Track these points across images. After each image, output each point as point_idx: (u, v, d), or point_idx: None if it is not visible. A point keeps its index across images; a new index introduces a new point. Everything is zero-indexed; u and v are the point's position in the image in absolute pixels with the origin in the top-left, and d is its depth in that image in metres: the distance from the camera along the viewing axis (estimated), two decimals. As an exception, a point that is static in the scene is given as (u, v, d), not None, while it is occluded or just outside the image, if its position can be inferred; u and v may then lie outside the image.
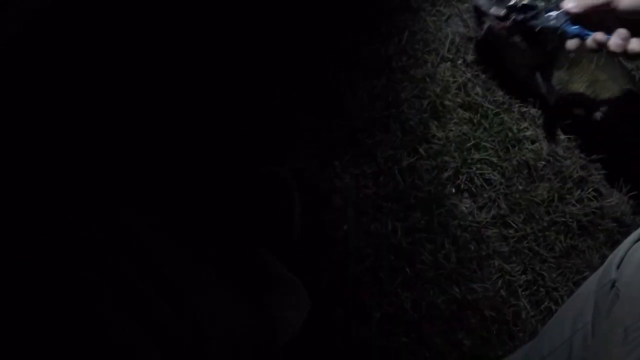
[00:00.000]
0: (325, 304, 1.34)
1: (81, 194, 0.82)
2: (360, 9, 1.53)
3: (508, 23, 1.34)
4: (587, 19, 1.10)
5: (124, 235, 0.78)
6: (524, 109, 1.51)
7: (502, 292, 1.39)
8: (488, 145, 1.46)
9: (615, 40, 1.06)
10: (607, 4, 1.06)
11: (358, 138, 1.45)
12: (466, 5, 1.56)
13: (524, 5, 1.28)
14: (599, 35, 1.08)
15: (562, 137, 1.50)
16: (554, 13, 1.16)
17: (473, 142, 1.46)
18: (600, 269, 0.95)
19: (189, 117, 1.44)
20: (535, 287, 1.41)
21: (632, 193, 1.48)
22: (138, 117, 1.41)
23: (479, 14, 1.42)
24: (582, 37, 1.11)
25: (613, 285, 0.89)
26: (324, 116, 1.46)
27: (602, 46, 1.08)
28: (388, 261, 1.38)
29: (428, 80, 1.49)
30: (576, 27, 1.12)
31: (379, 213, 1.41)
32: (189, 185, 1.38)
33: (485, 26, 1.41)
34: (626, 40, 1.06)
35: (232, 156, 1.43)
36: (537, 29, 1.23)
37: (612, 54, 1.08)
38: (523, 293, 1.40)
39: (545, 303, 1.40)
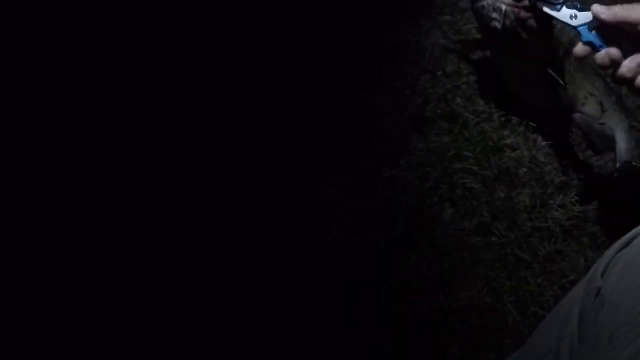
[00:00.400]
0: (312, 317, 1.34)
1: (81, 193, 0.83)
2: (342, 24, 1.54)
3: (527, 2, 1.24)
4: (607, 31, 1.03)
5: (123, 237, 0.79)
6: (505, 118, 1.52)
7: (488, 299, 1.39)
8: (469, 154, 1.48)
9: (630, 64, 0.98)
10: (636, 25, 0.98)
11: (341, 151, 1.45)
12: (446, 17, 1.58)
13: None
14: (615, 52, 1.00)
15: (543, 143, 1.52)
16: (575, 12, 1.09)
17: (454, 152, 1.47)
18: (586, 277, 0.96)
19: (189, 117, 1.44)
20: (520, 293, 1.41)
21: (614, 196, 1.50)
22: (138, 117, 1.41)
23: None
24: (596, 47, 1.04)
25: (598, 293, 0.90)
26: (314, 126, 1.48)
27: (613, 64, 1.01)
28: (374, 272, 1.38)
29: (408, 92, 1.51)
30: (593, 34, 1.05)
31: (363, 225, 1.41)
32: (188, 184, 1.38)
33: (502, 13, 1.31)
34: None
35: (232, 156, 1.43)
36: (554, 20, 1.15)
37: (618, 78, 1.01)
38: (509, 299, 1.40)
39: (532, 308, 1.41)
